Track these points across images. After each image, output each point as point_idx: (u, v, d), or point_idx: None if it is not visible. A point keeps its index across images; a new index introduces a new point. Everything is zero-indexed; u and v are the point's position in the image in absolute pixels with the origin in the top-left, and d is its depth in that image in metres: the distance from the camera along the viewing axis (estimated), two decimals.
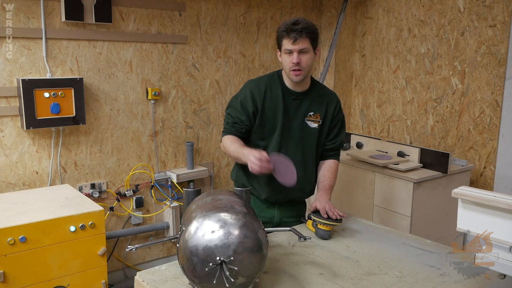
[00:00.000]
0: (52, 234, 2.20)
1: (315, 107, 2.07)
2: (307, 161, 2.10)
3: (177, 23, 3.25)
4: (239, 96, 2.08)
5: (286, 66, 1.97)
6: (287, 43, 1.92)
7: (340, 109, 2.16)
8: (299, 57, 1.92)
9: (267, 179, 2.05)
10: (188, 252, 1.28)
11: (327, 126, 2.11)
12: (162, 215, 3.37)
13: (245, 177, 2.14)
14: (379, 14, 3.85)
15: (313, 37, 1.94)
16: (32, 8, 2.67)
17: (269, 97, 2.04)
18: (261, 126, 2.04)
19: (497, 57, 3.12)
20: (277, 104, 2.03)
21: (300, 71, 1.94)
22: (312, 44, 1.94)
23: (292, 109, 2.05)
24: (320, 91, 2.12)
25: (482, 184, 3.32)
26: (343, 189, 3.45)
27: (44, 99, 2.67)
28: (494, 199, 1.27)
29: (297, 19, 1.93)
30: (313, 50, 1.96)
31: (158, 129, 3.27)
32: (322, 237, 1.84)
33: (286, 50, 1.93)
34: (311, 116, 2.07)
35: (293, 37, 1.89)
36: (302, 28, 1.89)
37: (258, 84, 2.07)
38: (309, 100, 2.07)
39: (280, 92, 2.04)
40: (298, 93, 2.05)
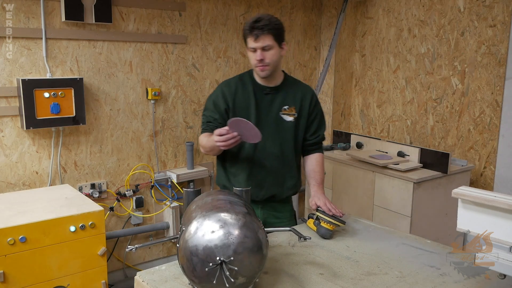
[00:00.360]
0: (52, 234, 2.20)
1: (290, 100, 2.09)
2: (286, 154, 2.10)
3: (177, 23, 3.25)
4: (212, 96, 2.13)
5: (252, 63, 2.02)
6: (250, 41, 1.96)
7: (317, 102, 2.18)
8: (263, 54, 1.96)
9: (246, 176, 2.08)
10: (188, 252, 1.28)
11: (305, 119, 2.13)
12: (162, 215, 3.37)
13: (225, 177, 2.16)
14: (379, 14, 3.85)
15: (277, 32, 1.97)
16: (32, 8, 2.67)
17: (240, 94, 2.07)
18: None
19: (497, 57, 3.12)
20: (249, 101, 2.07)
21: (265, 67, 1.98)
22: (276, 39, 1.97)
23: (265, 104, 2.08)
24: (293, 85, 2.15)
25: (482, 184, 3.32)
26: (343, 189, 3.45)
27: (44, 99, 2.67)
28: (494, 199, 1.27)
29: (259, 16, 1.96)
30: (278, 45, 1.99)
31: (158, 129, 3.27)
32: (324, 236, 1.84)
33: (250, 48, 1.98)
34: (286, 109, 2.09)
35: (255, 34, 1.93)
36: (263, 25, 1.93)
37: (228, 83, 2.12)
38: (283, 94, 2.10)
39: (251, 89, 2.08)
40: (270, 88, 2.08)
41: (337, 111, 4.11)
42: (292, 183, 2.17)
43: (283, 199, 2.17)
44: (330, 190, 3.57)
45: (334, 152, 3.65)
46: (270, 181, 2.10)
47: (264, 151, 2.05)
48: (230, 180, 2.14)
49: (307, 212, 3.84)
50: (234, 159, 2.08)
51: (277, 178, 2.11)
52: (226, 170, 2.15)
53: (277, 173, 2.10)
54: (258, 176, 2.09)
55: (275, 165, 2.09)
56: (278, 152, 2.07)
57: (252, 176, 2.08)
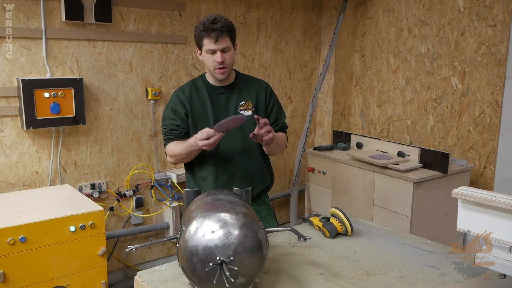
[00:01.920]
0: (52, 234, 2.20)
1: (245, 95, 2.13)
2: (250, 149, 2.11)
3: (177, 23, 3.25)
4: (169, 105, 2.15)
5: (209, 65, 2.03)
6: (209, 43, 1.96)
7: (271, 93, 2.21)
8: (223, 56, 1.98)
9: (213, 177, 2.09)
10: (188, 252, 1.28)
11: (263, 111, 2.15)
12: (162, 215, 3.37)
13: (194, 183, 2.16)
14: (379, 14, 3.85)
15: (232, 34, 2.01)
16: (32, 8, 2.67)
17: (195, 98, 2.10)
18: (194, 127, 2.09)
19: (497, 57, 3.12)
20: (204, 103, 2.09)
21: (224, 69, 2.01)
22: (231, 41, 2.01)
23: (222, 103, 2.11)
24: (246, 80, 2.18)
25: (482, 184, 3.32)
26: (343, 189, 3.46)
27: (44, 99, 2.67)
28: (494, 199, 1.27)
29: (214, 17, 1.96)
30: (233, 46, 2.03)
31: (158, 129, 3.27)
32: (329, 232, 1.82)
33: (208, 50, 1.98)
34: (243, 105, 2.12)
35: (215, 36, 1.94)
36: (222, 27, 1.94)
37: (182, 89, 2.16)
38: (237, 91, 2.13)
39: (205, 91, 2.11)
40: (223, 87, 2.11)
41: (337, 111, 4.11)
42: (261, 178, 2.17)
43: (255, 197, 2.16)
44: (330, 190, 3.57)
45: (334, 152, 3.65)
46: (239, 179, 2.10)
47: (228, 149, 2.06)
48: (199, 185, 2.13)
49: (307, 212, 3.84)
50: (200, 163, 2.09)
51: (246, 175, 2.12)
52: (194, 175, 2.16)
53: (244, 170, 2.12)
54: (226, 176, 2.10)
55: (241, 162, 2.10)
56: (242, 148, 2.08)
57: (220, 176, 2.09)
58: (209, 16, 1.98)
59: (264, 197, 2.25)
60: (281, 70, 3.89)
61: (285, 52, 3.90)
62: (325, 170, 3.59)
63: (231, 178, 2.10)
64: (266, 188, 2.22)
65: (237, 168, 2.10)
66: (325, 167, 3.59)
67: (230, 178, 2.10)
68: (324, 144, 4.04)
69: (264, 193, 2.24)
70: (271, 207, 2.30)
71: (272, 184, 2.27)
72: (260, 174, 2.17)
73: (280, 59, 3.88)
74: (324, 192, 3.64)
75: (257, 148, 2.14)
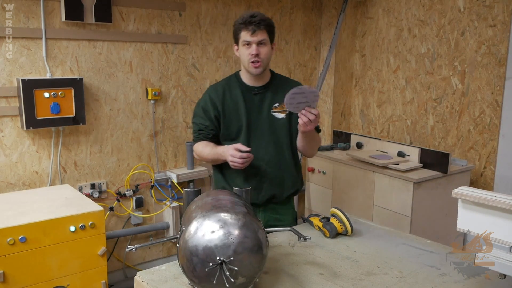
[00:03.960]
0: (52, 234, 2.20)
1: (279, 98, 2.06)
2: (282, 153, 2.08)
3: (177, 23, 3.25)
4: (200, 103, 2.11)
5: (244, 59, 1.99)
6: (246, 35, 1.95)
7: None
8: (258, 49, 1.95)
9: (243, 179, 2.06)
10: (188, 252, 1.28)
11: (295, 115, 2.07)
12: (162, 215, 3.37)
13: (223, 180, 2.13)
14: (379, 14, 3.85)
15: (270, 30, 1.98)
16: (32, 8, 2.67)
17: (229, 97, 2.06)
18: (226, 127, 2.06)
19: (497, 57, 3.12)
20: (238, 103, 2.05)
21: (259, 63, 1.97)
22: (269, 36, 1.98)
23: (255, 104, 2.06)
24: (281, 82, 2.13)
25: (482, 184, 3.32)
26: (343, 189, 3.46)
27: (44, 99, 2.67)
28: (494, 199, 1.27)
29: (253, 12, 1.96)
30: (270, 43, 1.99)
31: (158, 129, 3.27)
32: (329, 232, 1.82)
33: (244, 41, 1.96)
34: (277, 107, 2.07)
35: (252, 29, 1.93)
36: (260, 20, 1.93)
37: (216, 88, 2.11)
38: (272, 92, 2.08)
39: (239, 91, 2.06)
40: (258, 87, 2.07)
41: (337, 111, 4.11)
42: (291, 181, 2.13)
43: (283, 200, 2.14)
44: (330, 190, 3.57)
45: (334, 152, 3.65)
46: (268, 181, 2.07)
47: (259, 152, 2.02)
48: (229, 184, 2.11)
49: (307, 212, 3.84)
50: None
51: (275, 178, 2.08)
52: (224, 174, 2.13)
53: (275, 173, 2.08)
54: (256, 178, 2.06)
55: (271, 165, 2.07)
56: (273, 151, 2.05)
57: (250, 179, 2.06)
58: (247, 12, 1.99)
59: (291, 201, 2.22)
60: (281, 70, 3.89)
61: (285, 52, 3.90)
62: (325, 170, 3.59)
63: (261, 180, 2.07)
64: (295, 192, 2.18)
65: (267, 171, 2.07)
66: (325, 167, 3.59)
67: (260, 180, 2.07)
68: (324, 144, 4.04)
69: (292, 196, 2.20)
70: (295, 211, 2.26)
71: (301, 188, 2.23)
72: (290, 177, 2.13)
73: (280, 59, 3.88)
74: (324, 192, 3.64)
75: (288, 151, 2.10)
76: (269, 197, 2.10)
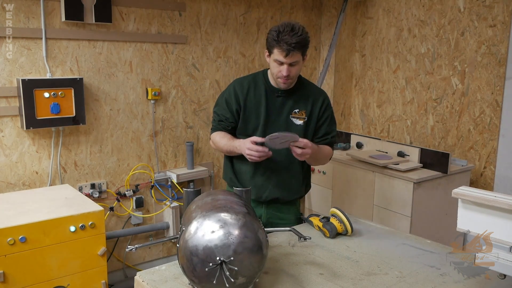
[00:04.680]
0: (52, 234, 2.20)
1: (300, 104, 2.08)
2: (292, 157, 2.07)
3: (177, 23, 3.25)
4: (224, 94, 2.12)
5: (274, 72, 1.99)
6: (279, 54, 1.90)
7: (328, 106, 2.14)
8: (289, 69, 1.93)
9: (250, 176, 2.09)
10: (188, 252, 1.28)
11: (314, 123, 2.10)
12: (162, 215, 3.37)
13: (231, 172, 2.16)
14: (379, 14, 3.85)
15: (305, 49, 1.94)
16: (32, 8, 2.67)
17: (252, 94, 2.06)
18: (244, 122, 2.08)
19: (497, 57, 3.12)
20: (259, 101, 2.06)
21: (288, 81, 1.98)
22: (302, 55, 1.95)
23: (276, 106, 2.07)
24: (306, 89, 2.12)
25: (482, 184, 3.32)
26: (343, 189, 3.45)
27: (44, 99, 2.67)
28: (494, 199, 1.27)
29: (292, 26, 1.88)
30: (302, 58, 1.97)
31: (158, 129, 3.27)
32: (329, 232, 1.82)
33: (277, 60, 1.93)
34: (296, 113, 2.08)
35: (286, 50, 1.87)
36: (296, 43, 1.86)
37: (241, 82, 2.11)
38: (294, 98, 2.08)
39: (263, 90, 2.07)
40: (282, 91, 2.07)
41: (337, 111, 4.11)
42: (297, 186, 2.15)
43: (286, 202, 2.15)
44: (330, 190, 3.57)
45: (334, 152, 3.65)
46: (275, 183, 2.09)
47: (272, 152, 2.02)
48: (236, 176, 2.14)
49: (307, 212, 3.84)
50: (241, 157, 2.05)
51: (282, 181, 2.09)
52: (233, 166, 2.15)
53: (283, 176, 2.09)
54: (263, 177, 2.08)
55: (280, 168, 2.08)
56: (284, 154, 2.05)
57: (256, 177, 2.08)
58: (286, 25, 1.88)
59: (295, 202, 2.23)
60: None
61: None
62: (325, 170, 3.59)
63: (267, 181, 2.09)
64: (299, 197, 2.21)
65: (274, 173, 2.08)
66: (325, 167, 3.59)
67: (267, 181, 2.09)
68: None
69: (297, 200, 2.22)
70: (299, 212, 2.27)
71: (306, 193, 2.25)
72: (296, 183, 2.14)
73: None
74: (324, 192, 3.64)
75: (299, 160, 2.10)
76: (273, 198, 2.11)
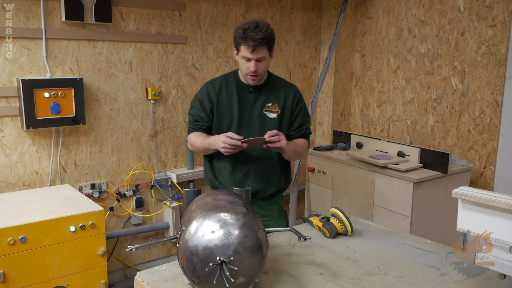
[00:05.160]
0: (52, 234, 2.20)
1: (273, 98, 2.16)
2: (269, 151, 2.13)
3: (177, 23, 3.25)
4: (198, 95, 2.20)
5: (243, 70, 2.08)
6: (246, 51, 1.99)
7: (300, 99, 2.22)
8: (257, 65, 2.01)
9: (229, 170, 2.15)
10: (188, 252, 1.28)
11: (288, 116, 2.18)
12: (162, 215, 3.37)
13: (211, 173, 2.22)
14: (379, 14, 3.85)
15: (271, 44, 2.02)
16: (32, 8, 2.67)
17: (224, 93, 2.14)
18: (218, 120, 2.15)
19: (497, 57, 3.12)
20: (232, 99, 2.13)
21: (256, 77, 2.06)
22: (268, 50, 2.03)
23: (249, 102, 2.14)
24: (277, 83, 2.21)
25: (482, 184, 3.32)
26: (343, 189, 3.46)
27: (44, 99, 2.67)
28: (494, 199, 1.27)
29: (257, 23, 1.97)
30: (269, 54, 2.05)
31: (158, 129, 3.27)
32: (329, 232, 1.82)
33: (244, 57, 2.01)
34: (269, 107, 2.15)
35: (252, 46, 1.96)
36: (261, 39, 1.95)
37: (213, 82, 2.20)
38: (266, 92, 2.16)
39: (235, 88, 2.15)
40: (253, 86, 2.14)
41: (337, 111, 4.11)
42: (276, 179, 2.21)
43: (267, 196, 2.20)
44: (330, 190, 3.57)
45: (334, 152, 3.65)
46: (253, 177, 2.16)
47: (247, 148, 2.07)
48: (216, 176, 2.21)
49: (307, 212, 3.84)
50: (220, 155, 2.11)
51: (260, 174, 2.17)
52: (212, 166, 2.22)
53: (260, 169, 2.16)
54: (241, 172, 2.15)
55: (258, 161, 2.15)
56: (261, 148, 2.10)
57: (235, 172, 2.15)
58: (251, 23, 1.98)
59: (276, 197, 2.28)
60: (281, 70, 3.89)
61: (285, 52, 3.90)
62: (325, 170, 3.59)
63: (246, 175, 2.16)
64: (279, 190, 2.25)
65: (253, 167, 2.15)
66: (325, 167, 3.59)
67: (245, 175, 2.16)
68: (324, 144, 4.04)
69: (277, 194, 2.27)
70: (282, 208, 2.32)
71: (286, 187, 2.30)
72: (275, 176, 2.21)
73: (280, 59, 3.88)
74: (324, 192, 3.64)
75: (276, 152, 2.15)
76: (253, 192, 2.15)
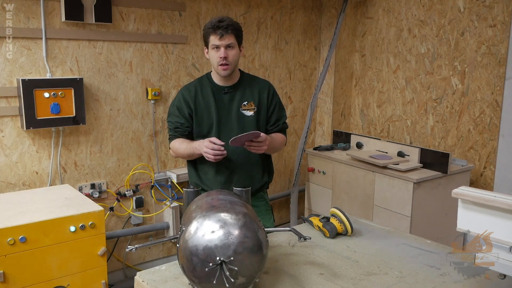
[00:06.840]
0: (52, 234, 2.20)
1: (248, 96, 2.21)
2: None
3: (177, 23, 3.25)
4: (175, 102, 2.24)
5: (214, 62, 2.12)
6: (214, 39, 2.06)
7: (274, 93, 2.29)
8: (226, 52, 2.07)
9: (214, 173, 2.19)
10: (188, 252, 1.28)
11: (264, 112, 2.24)
12: (162, 215, 3.37)
13: (196, 176, 2.25)
14: (379, 14, 3.85)
15: (238, 34, 2.11)
16: (32, 8, 2.67)
17: (200, 96, 2.19)
18: (198, 125, 2.19)
19: (497, 57, 3.12)
20: (209, 101, 2.18)
21: (227, 66, 2.10)
22: (237, 40, 2.11)
23: (225, 103, 2.19)
24: (250, 81, 2.26)
25: (482, 184, 3.32)
26: (343, 189, 3.46)
27: (44, 99, 2.67)
28: (494, 199, 1.27)
29: (222, 17, 2.09)
30: (238, 46, 2.12)
31: (158, 129, 3.27)
32: (329, 232, 1.83)
33: (213, 45, 2.08)
34: (246, 105, 2.20)
35: (220, 33, 2.05)
36: (227, 25, 2.05)
37: (188, 87, 2.24)
38: (241, 91, 2.21)
39: (210, 90, 2.19)
40: (228, 87, 2.20)
41: (337, 111, 4.11)
42: (260, 175, 2.26)
43: (253, 192, 2.22)
44: (330, 190, 3.57)
45: (334, 152, 3.65)
46: (238, 175, 2.20)
47: (229, 147, 2.10)
48: (201, 178, 2.23)
49: (307, 212, 3.84)
50: (203, 159, 2.13)
51: (245, 172, 2.21)
52: (197, 169, 2.25)
53: (244, 167, 2.20)
54: (226, 171, 2.19)
55: (241, 159, 2.19)
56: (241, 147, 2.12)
57: (220, 172, 2.19)
58: (216, 17, 2.10)
59: (262, 193, 2.33)
60: (281, 70, 3.89)
61: (285, 52, 3.90)
62: (325, 170, 3.59)
63: (231, 174, 2.20)
64: (263, 184, 2.30)
65: (237, 165, 2.19)
66: (325, 167, 3.59)
67: (230, 174, 2.19)
68: (324, 144, 4.04)
69: (262, 189, 2.32)
70: (269, 204, 2.38)
71: (270, 180, 2.36)
72: (258, 171, 2.26)
73: (280, 59, 3.88)
74: (324, 192, 3.64)
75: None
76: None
